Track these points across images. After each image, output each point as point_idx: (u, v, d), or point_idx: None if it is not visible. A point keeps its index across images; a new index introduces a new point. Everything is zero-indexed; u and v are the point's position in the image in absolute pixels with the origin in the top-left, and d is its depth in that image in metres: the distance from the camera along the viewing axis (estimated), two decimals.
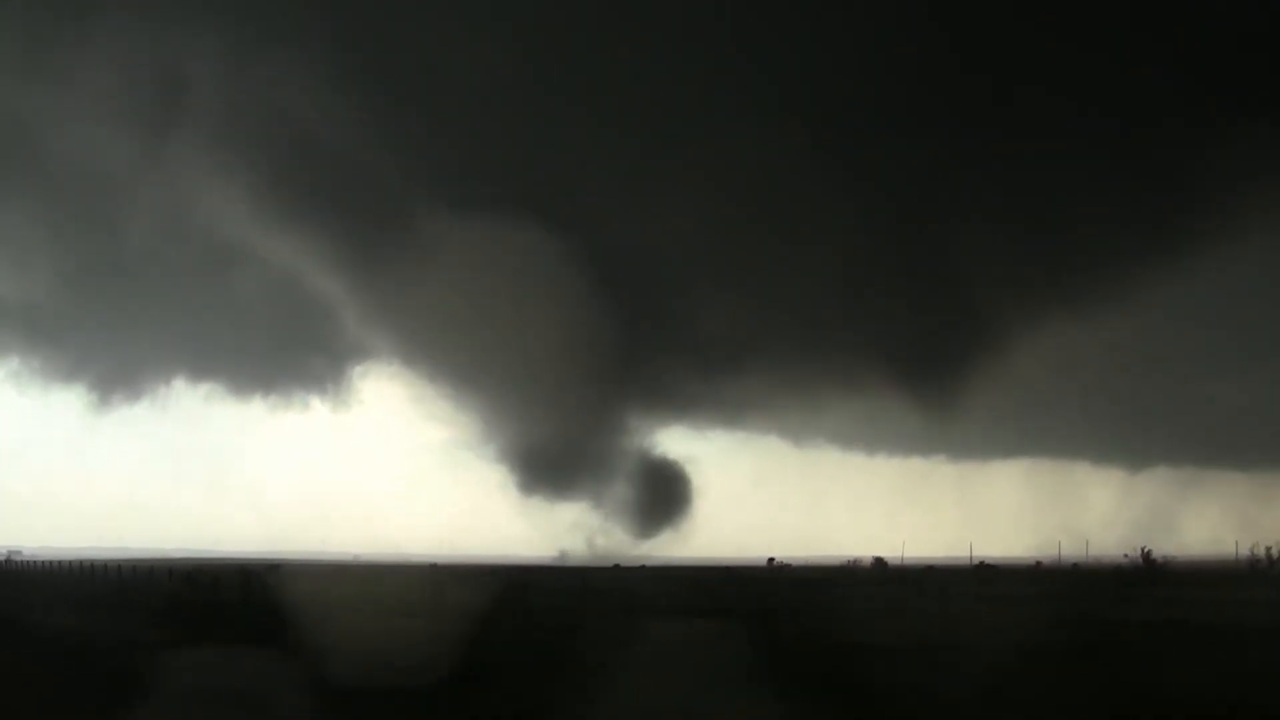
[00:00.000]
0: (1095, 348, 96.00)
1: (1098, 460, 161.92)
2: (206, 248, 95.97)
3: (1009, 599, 42.10)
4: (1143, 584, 51.87)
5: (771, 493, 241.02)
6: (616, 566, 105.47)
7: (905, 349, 77.72)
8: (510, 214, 71.39)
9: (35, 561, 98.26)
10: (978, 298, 75.92)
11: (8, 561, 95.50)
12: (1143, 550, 61.36)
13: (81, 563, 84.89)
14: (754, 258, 77.07)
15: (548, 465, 77.45)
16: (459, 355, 74.53)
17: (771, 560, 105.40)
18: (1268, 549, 64.64)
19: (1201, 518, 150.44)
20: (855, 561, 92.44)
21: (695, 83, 75.44)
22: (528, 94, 77.69)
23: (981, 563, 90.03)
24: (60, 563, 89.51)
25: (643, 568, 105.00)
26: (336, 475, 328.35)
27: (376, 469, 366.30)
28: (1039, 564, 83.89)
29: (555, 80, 77.34)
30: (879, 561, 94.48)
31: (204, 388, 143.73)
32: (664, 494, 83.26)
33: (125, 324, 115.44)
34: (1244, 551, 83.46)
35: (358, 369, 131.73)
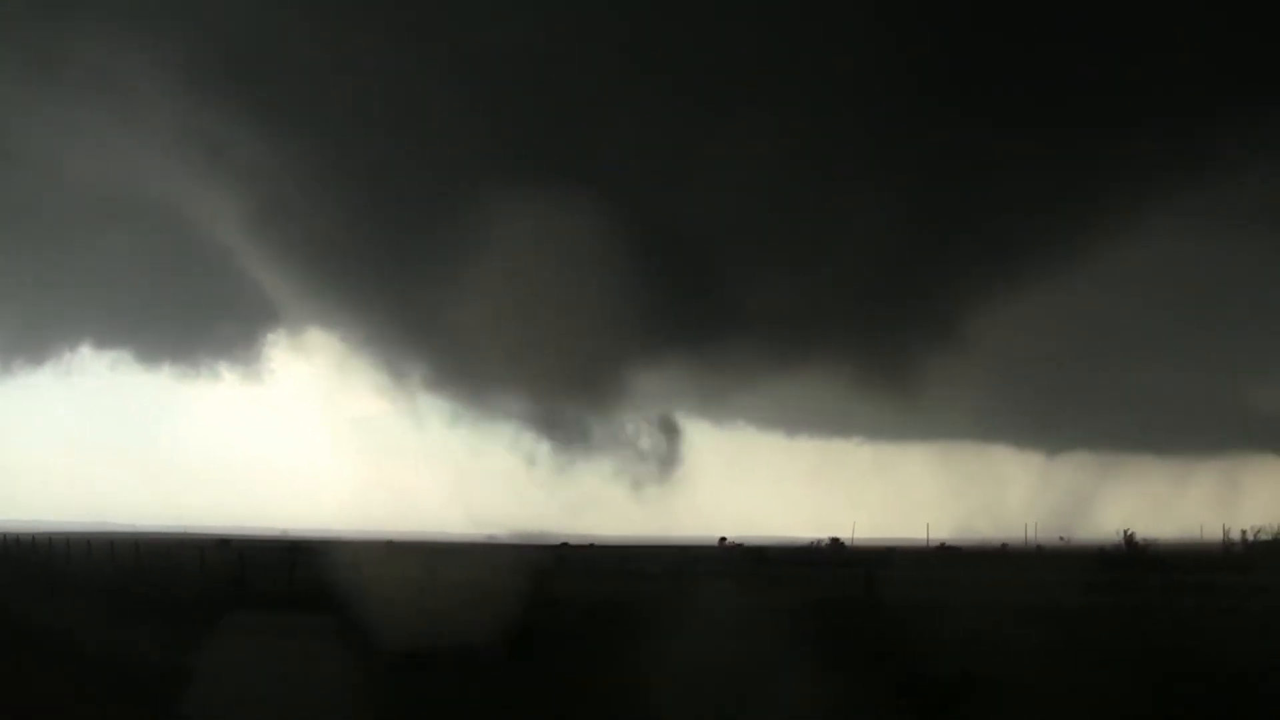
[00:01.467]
0: (1016, 331, 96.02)
1: (1018, 444, 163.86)
2: (123, 200, 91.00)
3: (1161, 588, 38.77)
4: (1145, 569, 51.09)
5: (694, 473, 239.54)
6: (564, 545, 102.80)
7: (831, 331, 76.67)
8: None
9: None
10: (899, 281, 75.35)
11: None
12: (1126, 534, 60.53)
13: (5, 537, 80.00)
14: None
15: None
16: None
17: (723, 540, 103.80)
18: (1243, 533, 64.43)
19: (1120, 502, 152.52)
20: (817, 543, 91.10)
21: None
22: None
23: (943, 544, 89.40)
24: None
25: (591, 547, 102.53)
26: (251, 447, 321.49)
27: (293, 441, 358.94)
28: (1004, 546, 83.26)
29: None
30: (836, 542, 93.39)
31: (110, 355, 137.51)
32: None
33: (29, 283, 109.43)
34: (1200, 534, 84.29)
35: (270, 336, 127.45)
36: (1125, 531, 60.83)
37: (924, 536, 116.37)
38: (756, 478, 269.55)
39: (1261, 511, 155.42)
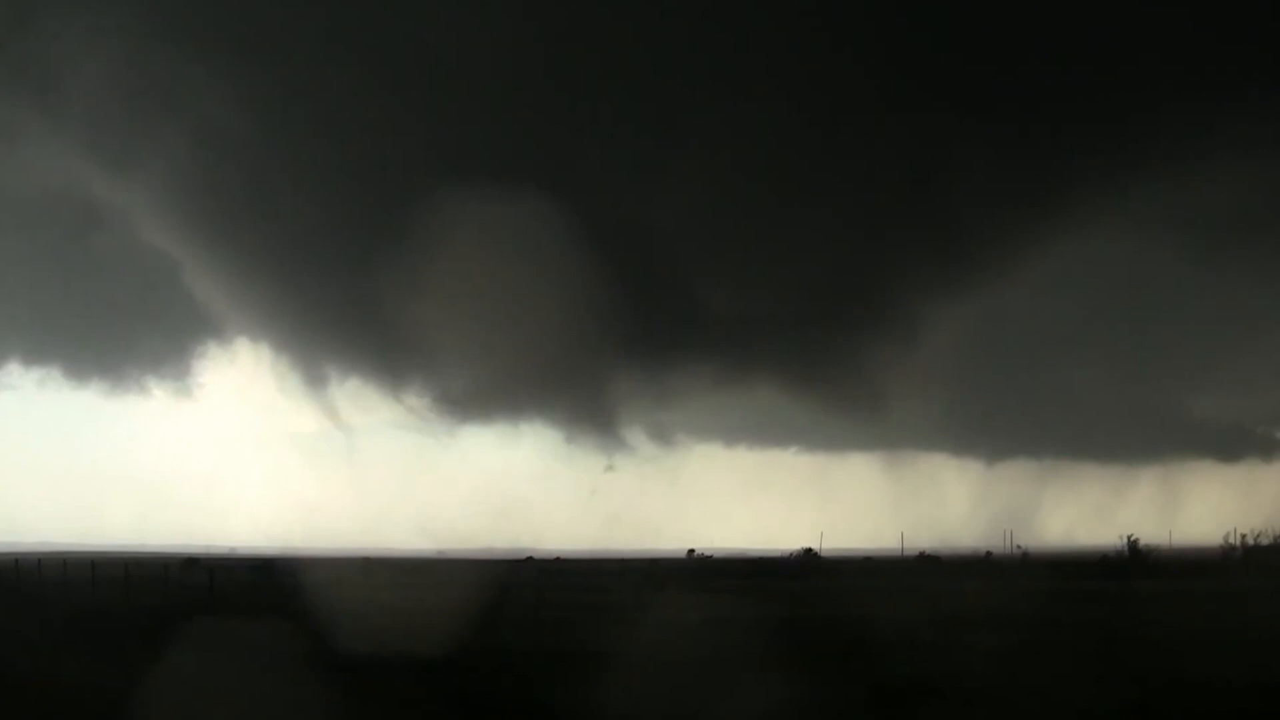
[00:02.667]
0: (955, 338, 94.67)
1: (956, 451, 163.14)
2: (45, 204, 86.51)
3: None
4: (1152, 575, 50.51)
5: (636, 485, 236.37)
6: (529, 559, 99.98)
7: (766, 341, 74.76)
8: None
9: None
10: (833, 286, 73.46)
11: None
12: (1129, 539, 59.80)
13: None
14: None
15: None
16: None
17: (692, 552, 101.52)
18: (1242, 537, 64.18)
19: (1060, 510, 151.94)
20: (793, 555, 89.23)
21: None
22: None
23: (922, 553, 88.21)
24: None
25: (556, 560, 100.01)
26: (187, 463, 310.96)
27: (230, 456, 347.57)
28: (989, 554, 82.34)
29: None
30: (810, 553, 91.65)
31: (38, 371, 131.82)
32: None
33: None
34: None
35: (199, 349, 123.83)
36: (1129, 537, 60.07)
37: (884, 545, 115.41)
38: (702, 489, 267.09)
39: (1209, 517, 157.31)
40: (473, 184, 65.66)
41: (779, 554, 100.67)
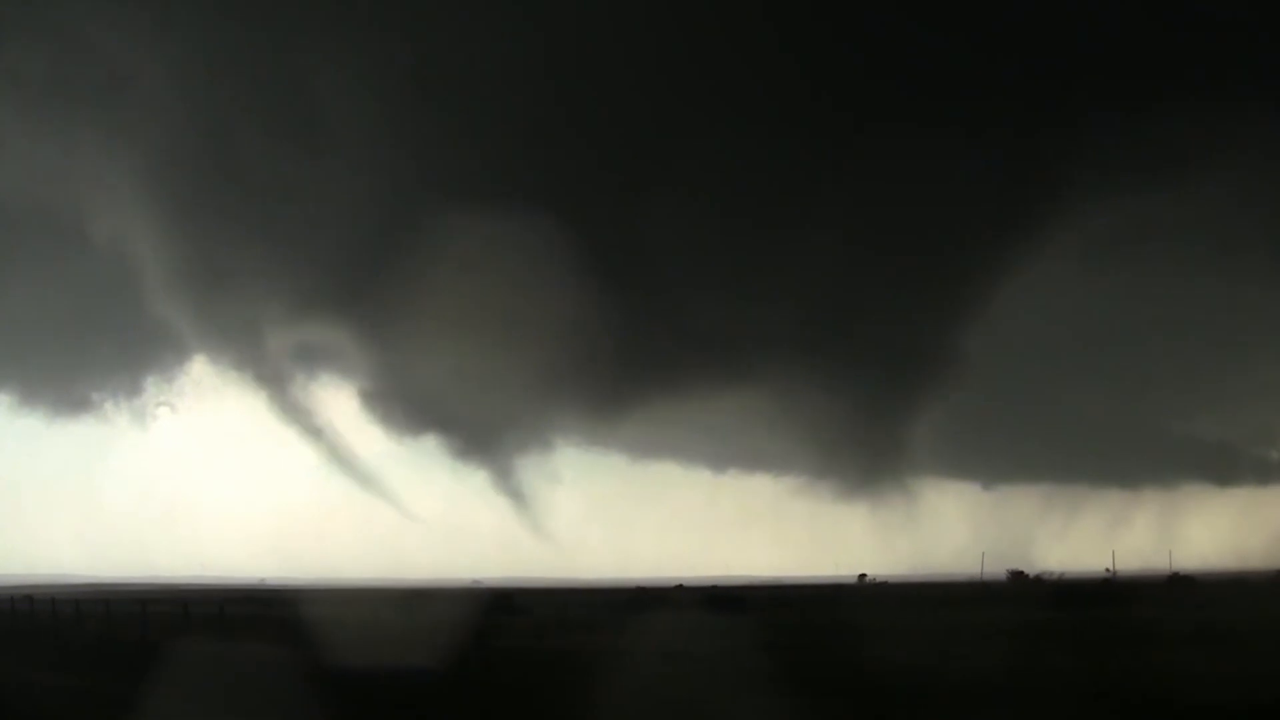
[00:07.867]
0: (953, 360, 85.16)
1: (953, 475, 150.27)
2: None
3: None
4: None
5: (635, 511, 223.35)
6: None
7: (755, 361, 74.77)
8: None
9: None
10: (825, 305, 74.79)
11: None
12: None
13: None
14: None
15: None
16: None
17: (863, 577, 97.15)
18: None
19: (1062, 535, 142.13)
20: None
21: None
22: None
23: (1109, 570, 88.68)
24: None
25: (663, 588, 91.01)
26: (151, 492, 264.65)
27: (192, 484, 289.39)
28: (1177, 574, 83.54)
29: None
30: (1020, 576, 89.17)
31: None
32: None
33: None
34: None
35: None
36: None
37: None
38: (696, 515, 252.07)
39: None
40: (469, 203, 64.39)
41: (965, 578, 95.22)
